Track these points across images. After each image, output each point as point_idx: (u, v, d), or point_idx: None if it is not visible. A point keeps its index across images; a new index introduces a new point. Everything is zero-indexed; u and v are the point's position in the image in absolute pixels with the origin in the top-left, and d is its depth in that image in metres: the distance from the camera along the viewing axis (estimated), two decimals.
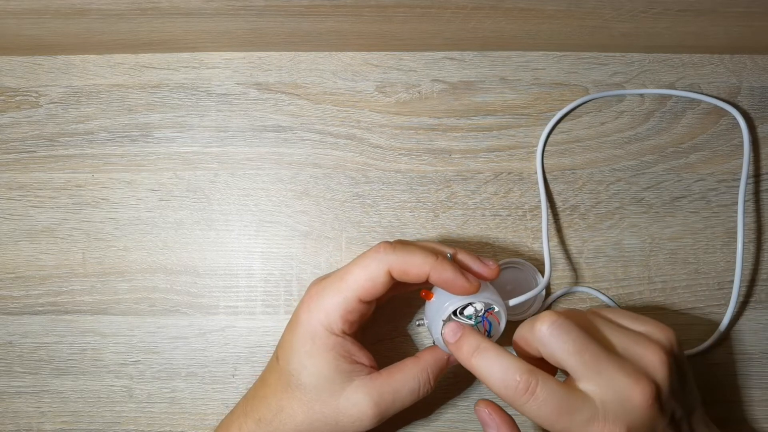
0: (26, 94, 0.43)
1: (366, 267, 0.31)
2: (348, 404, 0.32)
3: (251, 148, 0.42)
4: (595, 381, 0.28)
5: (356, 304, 0.32)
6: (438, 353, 0.34)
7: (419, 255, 0.31)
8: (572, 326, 0.29)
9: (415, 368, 0.33)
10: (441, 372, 0.34)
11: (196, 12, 0.36)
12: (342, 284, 0.32)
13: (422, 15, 0.37)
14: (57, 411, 0.40)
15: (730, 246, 0.41)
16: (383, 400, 0.32)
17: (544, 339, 0.29)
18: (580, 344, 0.29)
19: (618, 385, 0.28)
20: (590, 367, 0.28)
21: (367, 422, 0.32)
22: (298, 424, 0.32)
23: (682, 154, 0.42)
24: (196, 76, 0.43)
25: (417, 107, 0.42)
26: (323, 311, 0.32)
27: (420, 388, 0.33)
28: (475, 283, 0.31)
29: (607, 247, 0.41)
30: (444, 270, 0.31)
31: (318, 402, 0.32)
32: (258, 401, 0.33)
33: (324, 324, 0.32)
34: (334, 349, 0.32)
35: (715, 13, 0.36)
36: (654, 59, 0.43)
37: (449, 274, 0.31)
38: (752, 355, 0.40)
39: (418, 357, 0.34)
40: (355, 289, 0.31)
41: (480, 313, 0.32)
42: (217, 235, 0.41)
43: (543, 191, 0.41)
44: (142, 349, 0.40)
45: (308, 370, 0.32)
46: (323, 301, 0.32)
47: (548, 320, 0.29)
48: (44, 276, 0.41)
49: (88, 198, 0.42)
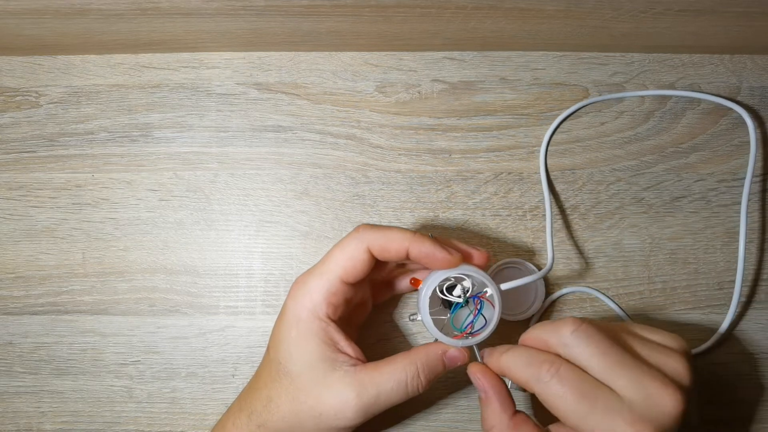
0: (26, 94, 0.43)
1: (345, 247, 0.32)
2: (330, 395, 0.31)
3: (251, 148, 0.42)
4: (620, 383, 0.28)
5: (339, 285, 0.32)
6: (431, 350, 0.33)
7: (397, 231, 0.32)
8: (597, 330, 0.29)
9: (404, 361, 0.32)
10: (433, 370, 0.32)
11: (196, 12, 0.36)
12: (323, 267, 0.32)
13: (422, 15, 0.37)
14: (57, 411, 0.40)
15: (730, 246, 0.41)
16: (366, 392, 0.31)
17: (568, 341, 0.29)
18: (605, 347, 0.29)
19: (646, 388, 0.28)
20: (615, 370, 0.28)
21: (350, 414, 0.31)
22: (283, 415, 0.32)
23: (682, 154, 0.42)
24: (196, 76, 0.43)
25: (417, 107, 0.42)
26: (307, 296, 0.32)
27: (408, 382, 0.31)
28: (456, 255, 0.32)
29: (607, 247, 0.41)
30: (423, 243, 0.31)
31: (302, 391, 0.31)
32: (251, 394, 0.34)
33: (308, 308, 0.32)
34: (318, 335, 0.32)
35: (715, 13, 0.36)
36: (654, 59, 0.43)
37: (428, 247, 0.31)
38: (753, 355, 0.40)
39: (409, 351, 0.33)
40: (335, 270, 0.32)
41: (468, 291, 0.32)
42: (217, 235, 0.41)
43: (546, 186, 0.41)
44: (142, 349, 0.40)
45: (294, 357, 0.32)
46: (307, 287, 0.32)
47: (573, 324, 0.29)
48: (44, 276, 0.41)
49: (88, 198, 0.42)
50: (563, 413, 0.28)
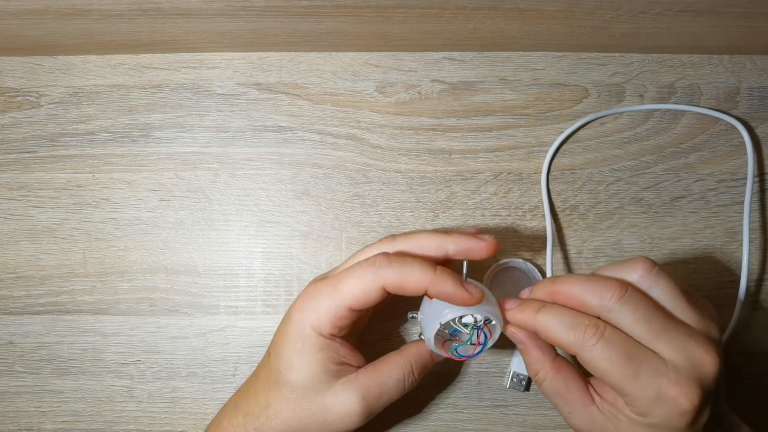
0: (27, 94, 0.43)
1: (360, 278, 0.31)
2: (335, 401, 0.32)
3: (251, 149, 0.42)
4: (664, 347, 0.28)
5: (347, 312, 0.31)
6: (421, 346, 0.34)
7: (417, 269, 0.30)
8: (641, 297, 0.29)
9: (399, 360, 0.33)
10: (424, 366, 0.34)
11: (196, 12, 0.36)
12: (335, 292, 0.31)
13: (422, 15, 0.37)
14: (58, 411, 0.40)
15: (729, 246, 0.41)
16: (370, 393, 0.32)
17: (611, 305, 0.29)
18: (650, 314, 0.29)
19: (688, 351, 0.28)
20: (660, 336, 0.29)
21: (356, 418, 0.32)
22: (285, 421, 0.32)
23: (682, 155, 0.42)
24: (197, 77, 0.43)
25: (417, 107, 0.42)
26: (314, 313, 0.32)
27: (405, 378, 0.33)
28: (476, 295, 0.30)
29: (606, 248, 0.41)
30: (444, 284, 0.30)
31: (304, 400, 0.32)
32: (249, 395, 0.34)
33: (314, 326, 0.32)
34: (322, 351, 0.32)
35: (714, 13, 0.36)
36: (653, 59, 0.43)
37: (449, 288, 0.30)
38: (754, 355, 0.40)
39: (401, 350, 0.34)
40: (346, 298, 0.31)
41: (479, 323, 0.32)
42: (218, 235, 0.41)
43: (546, 198, 0.41)
44: (143, 348, 0.40)
45: (296, 369, 0.32)
46: (315, 303, 0.32)
47: (620, 289, 0.29)
48: (45, 276, 0.41)
49: (89, 198, 0.42)
50: (608, 375, 0.29)
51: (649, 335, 0.29)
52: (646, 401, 0.28)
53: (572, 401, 0.31)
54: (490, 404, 0.40)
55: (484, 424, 0.40)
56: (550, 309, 0.31)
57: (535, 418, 0.40)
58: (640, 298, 0.29)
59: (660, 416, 0.28)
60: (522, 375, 0.39)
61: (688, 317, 0.30)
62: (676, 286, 0.30)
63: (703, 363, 0.28)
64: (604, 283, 0.30)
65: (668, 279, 0.30)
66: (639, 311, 0.29)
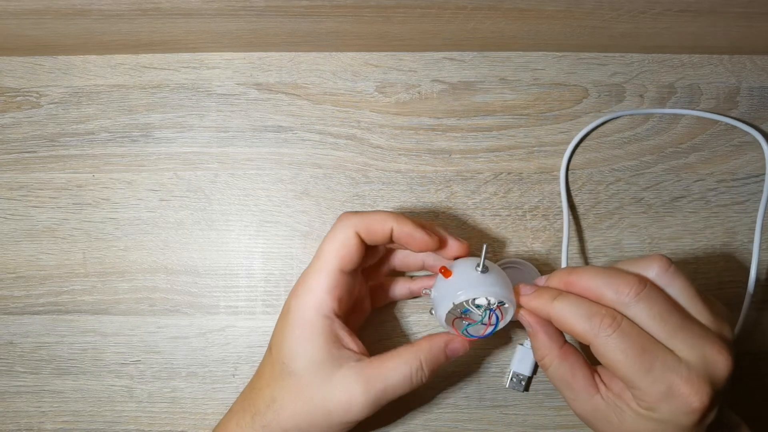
0: (27, 94, 0.43)
1: (335, 237, 0.33)
2: (338, 391, 0.31)
3: (251, 149, 0.42)
4: (678, 345, 0.29)
5: (339, 276, 0.32)
6: (435, 342, 0.33)
7: (380, 213, 0.33)
8: (658, 294, 0.29)
9: (407, 354, 0.33)
10: (436, 361, 0.33)
11: (196, 12, 0.36)
12: (319, 263, 0.33)
13: (422, 15, 0.37)
14: (58, 411, 0.40)
15: (729, 246, 0.41)
16: (373, 386, 0.32)
17: (628, 301, 0.29)
18: (667, 313, 0.29)
19: (702, 350, 0.28)
20: (676, 334, 0.29)
21: (358, 409, 0.31)
22: (291, 413, 0.32)
23: (682, 155, 0.42)
24: (197, 77, 0.43)
25: (417, 107, 0.42)
26: (311, 293, 0.32)
27: (412, 374, 0.32)
28: (434, 238, 0.33)
29: (606, 248, 0.41)
30: (404, 224, 0.32)
31: (309, 388, 0.32)
32: (254, 393, 0.34)
33: (314, 306, 0.32)
34: (324, 334, 0.32)
35: (714, 13, 0.36)
36: (653, 59, 0.43)
37: (409, 228, 0.32)
38: (754, 355, 0.40)
39: (413, 344, 0.33)
40: (332, 261, 0.32)
41: (492, 305, 0.32)
42: (218, 235, 0.41)
43: (565, 202, 0.41)
44: (143, 348, 0.40)
45: (299, 356, 0.32)
46: (308, 284, 0.33)
47: (639, 285, 0.29)
48: (45, 276, 0.41)
49: (89, 198, 0.42)
50: (621, 367, 0.29)
51: (664, 333, 0.29)
52: (656, 396, 0.28)
53: (577, 389, 0.31)
54: (490, 404, 0.40)
55: (484, 424, 0.40)
56: (567, 297, 0.31)
57: (535, 418, 0.40)
58: (657, 295, 0.29)
59: (667, 413, 0.28)
60: (522, 375, 0.39)
61: (703, 317, 0.30)
62: (692, 285, 0.30)
63: (716, 363, 0.28)
64: (622, 277, 0.30)
65: (684, 278, 0.30)
66: (655, 308, 0.29)
